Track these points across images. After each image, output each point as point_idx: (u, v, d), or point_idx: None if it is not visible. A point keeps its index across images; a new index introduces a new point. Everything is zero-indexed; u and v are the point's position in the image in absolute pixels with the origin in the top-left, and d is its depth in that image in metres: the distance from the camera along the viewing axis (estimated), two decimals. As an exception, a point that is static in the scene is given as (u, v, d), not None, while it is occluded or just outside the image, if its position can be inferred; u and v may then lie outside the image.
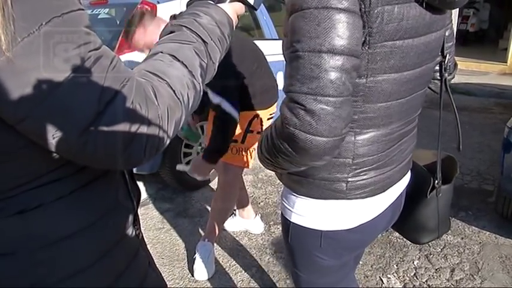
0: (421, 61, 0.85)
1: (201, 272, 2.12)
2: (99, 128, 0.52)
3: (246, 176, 3.08)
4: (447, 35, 0.95)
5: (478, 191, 3.08)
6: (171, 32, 0.69)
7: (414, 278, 2.14)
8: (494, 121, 4.79)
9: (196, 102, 0.66)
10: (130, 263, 0.72)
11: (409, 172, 1.07)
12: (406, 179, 1.07)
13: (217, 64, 0.72)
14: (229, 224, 2.55)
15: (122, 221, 0.71)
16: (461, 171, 3.29)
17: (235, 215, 2.56)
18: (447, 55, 0.99)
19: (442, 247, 2.39)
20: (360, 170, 0.89)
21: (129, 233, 0.72)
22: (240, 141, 2.06)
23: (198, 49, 0.67)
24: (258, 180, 3.28)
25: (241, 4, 0.80)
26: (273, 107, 2.19)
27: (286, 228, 1.01)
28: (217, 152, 1.90)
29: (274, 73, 3.46)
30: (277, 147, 0.80)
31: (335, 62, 0.70)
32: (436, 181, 1.07)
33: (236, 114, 1.88)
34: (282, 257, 2.29)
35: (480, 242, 2.44)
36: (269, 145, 0.84)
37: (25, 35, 0.47)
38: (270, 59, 2.21)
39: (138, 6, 2.72)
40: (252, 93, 2.01)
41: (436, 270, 2.20)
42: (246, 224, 2.54)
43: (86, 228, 0.63)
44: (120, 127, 0.53)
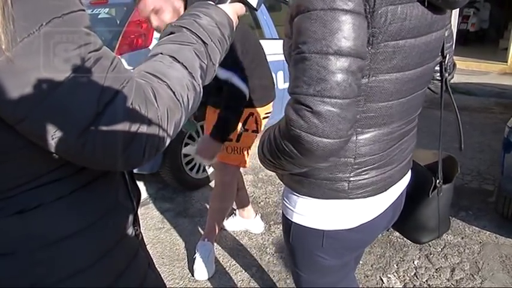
0: (422, 61, 0.85)
1: (201, 272, 2.12)
2: (98, 129, 0.51)
3: (246, 176, 3.08)
4: (446, 35, 0.95)
5: (479, 190, 3.08)
6: (171, 33, 0.69)
7: (414, 277, 2.14)
8: (495, 121, 4.79)
9: (196, 103, 0.66)
10: (130, 263, 0.72)
11: (409, 172, 1.07)
12: (407, 179, 1.07)
13: (217, 65, 0.72)
14: (229, 224, 2.54)
15: (121, 221, 0.71)
16: (461, 171, 3.26)
17: (235, 214, 2.56)
18: (447, 55, 0.99)
19: (442, 247, 2.38)
20: (362, 169, 0.89)
21: (129, 233, 0.72)
22: (235, 140, 2.01)
23: (198, 50, 0.67)
24: (258, 180, 3.28)
25: (241, 5, 0.80)
26: (269, 106, 2.14)
27: (288, 228, 1.01)
28: (225, 129, 1.80)
29: (274, 73, 3.46)
30: (281, 149, 0.79)
31: (342, 64, 0.69)
32: (437, 181, 1.08)
33: (246, 90, 1.79)
34: (282, 256, 2.29)
35: (480, 242, 2.43)
36: (272, 146, 0.84)
37: (25, 35, 0.47)
38: (270, 59, 2.20)
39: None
40: (250, 88, 1.93)
41: (436, 270, 2.20)
42: (246, 224, 2.53)
43: (86, 228, 0.63)
44: (119, 128, 0.53)
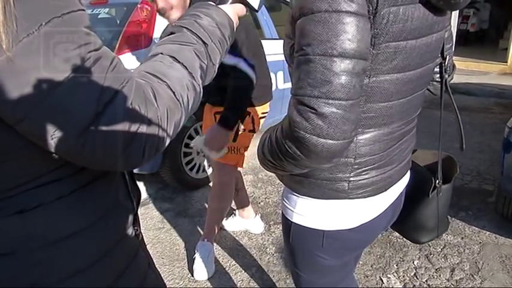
0: (423, 61, 0.86)
1: (200, 272, 2.12)
2: (98, 129, 0.51)
3: (246, 176, 3.08)
4: (446, 36, 0.95)
5: (478, 191, 3.08)
6: (172, 33, 0.69)
7: (414, 277, 2.14)
8: (495, 121, 4.80)
9: (196, 103, 0.66)
10: (130, 263, 0.72)
11: (408, 172, 1.08)
12: (406, 179, 1.07)
13: (217, 66, 0.72)
14: (229, 224, 2.54)
15: (121, 221, 0.71)
16: (461, 171, 3.29)
17: (235, 215, 2.55)
18: (447, 56, 0.99)
19: (442, 247, 2.39)
20: (362, 169, 0.89)
21: (129, 233, 0.72)
22: (231, 140, 1.97)
23: (198, 51, 0.67)
24: (258, 180, 3.28)
25: (242, 5, 0.80)
26: (266, 106, 2.13)
27: (288, 228, 1.01)
28: (234, 116, 1.76)
29: (274, 73, 3.46)
30: (284, 151, 0.79)
31: (346, 66, 0.69)
32: (437, 181, 1.08)
33: (254, 76, 1.77)
34: (282, 256, 2.29)
35: (480, 242, 2.44)
36: (273, 147, 0.83)
37: (24, 35, 0.47)
38: (270, 59, 2.20)
39: (138, 6, 2.72)
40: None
41: (436, 270, 2.20)
42: (246, 224, 2.53)
43: (86, 228, 0.63)
44: (119, 128, 0.53)
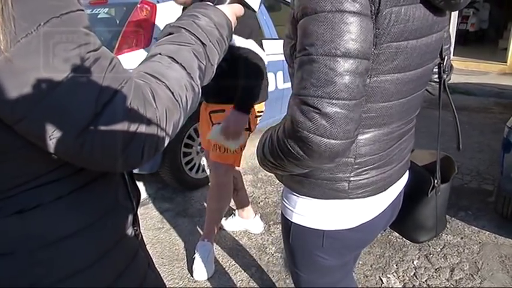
0: (423, 62, 0.86)
1: (200, 272, 2.12)
2: (97, 129, 0.51)
3: (245, 176, 3.08)
4: (445, 37, 0.95)
5: (478, 190, 3.08)
6: (170, 34, 0.69)
7: (414, 277, 2.14)
8: (494, 121, 4.80)
9: (194, 104, 0.66)
10: (130, 263, 0.72)
11: (407, 171, 1.08)
12: (405, 178, 1.08)
13: (216, 66, 0.72)
14: (228, 224, 2.54)
15: (121, 221, 0.71)
16: (461, 171, 3.29)
17: (234, 215, 2.56)
18: (445, 57, 0.99)
19: (441, 247, 2.39)
20: (362, 169, 0.90)
21: (129, 233, 0.72)
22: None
23: (196, 51, 0.67)
24: (258, 180, 3.28)
25: (240, 6, 0.80)
26: (261, 105, 2.13)
27: (287, 228, 1.01)
28: (250, 98, 1.77)
29: (273, 73, 3.46)
30: (286, 151, 0.79)
31: (350, 66, 0.70)
32: (435, 180, 1.08)
33: (265, 55, 1.77)
34: (281, 256, 2.29)
35: (480, 242, 2.44)
36: (274, 148, 0.83)
37: (23, 35, 0.47)
38: (270, 59, 2.20)
39: (138, 6, 2.72)
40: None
41: (435, 270, 2.20)
42: (245, 224, 2.53)
43: (85, 228, 0.63)
44: (117, 129, 0.53)
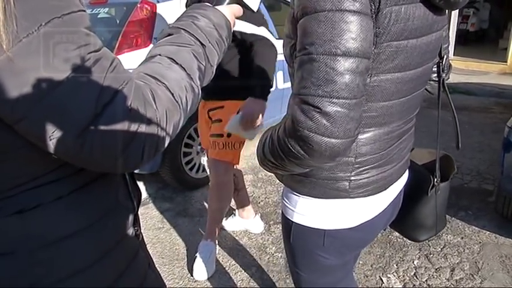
0: (423, 61, 0.86)
1: (200, 272, 2.12)
2: (97, 130, 0.51)
3: (245, 176, 3.08)
4: (444, 36, 0.95)
5: (478, 190, 3.08)
6: (169, 35, 0.69)
7: (414, 277, 2.14)
8: (495, 121, 4.79)
9: (194, 105, 0.67)
10: (130, 263, 0.72)
11: (407, 170, 1.08)
12: (405, 177, 1.08)
13: (215, 67, 0.72)
14: (229, 224, 2.54)
15: (121, 221, 0.71)
16: (461, 171, 3.29)
17: (235, 214, 2.56)
18: (444, 56, 0.99)
19: (442, 247, 2.39)
20: (362, 168, 0.90)
21: (129, 233, 0.72)
22: (225, 135, 1.97)
23: (196, 52, 0.67)
24: (258, 179, 3.28)
25: (239, 6, 0.80)
26: None
27: (288, 228, 1.01)
28: (266, 84, 1.81)
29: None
30: (287, 150, 0.79)
31: (350, 65, 0.70)
32: (435, 179, 1.08)
33: (276, 41, 1.82)
34: (281, 256, 2.29)
35: (480, 242, 2.44)
36: (275, 147, 0.83)
37: (24, 35, 0.47)
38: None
39: (138, 6, 2.72)
40: (246, 79, 1.93)
41: (436, 269, 2.20)
42: (245, 224, 2.53)
43: (85, 228, 0.63)
44: (118, 129, 0.53)
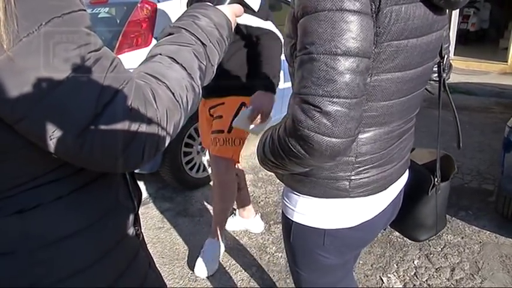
0: (423, 60, 0.86)
1: (200, 269, 2.11)
2: (97, 129, 0.51)
3: (245, 175, 3.08)
4: (444, 35, 0.95)
5: (478, 190, 3.08)
6: (170, 34, 0.69)
7: (414, 277, 2.14)
8: (495, 120, 4.79)
9: (195, 104, 0.66)
10: (131, 263, 0.72)
11: (407, 170, 1.08)
12: (405, 177, 1.08)
13: (216, 67, 0.72)
14: (229, 224, 2.54)
15: (122, 221, 0.71)
16: (461, 171, 3.28)
17: (235, 214, 2.56)
18: (445, 56, 0.99)
19: (442, 246, 2.39)
20: (363, 168, 0.90)
21: (130, 233, 0.72)
22: (226, 131, 1.96)
23: (197, 51, 0.67)
24: (258, 179, 3.28)
25: (239, 6, 0.80)
26: None
27: (288, 227, 1.01)
28: (274, 77, 1.84)
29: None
30: (287, 150, 0.79)
31: (350, 64, 0.70)
32: (436, 179, 1.08)
33: (281, 34, 1.85)
34: (282, 256, 2.29)
35: (480, 242, 2.44)
36: (275, 147, 0.83)
37: (25, 35, 0.47)
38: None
39: (138, 5, 2.72)
40: (247, 74, 1.94)
41: (436, 269, 2.20)
42: (246, 224, 2.53)
43: (86, 228, 0.63)
44: (118, 129, 0.53)
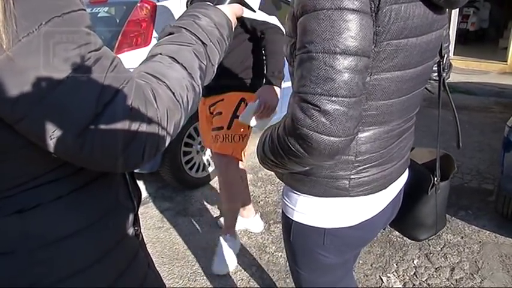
0: (423, 59, 0.86)
1: (220, 267, 2.10)
2: (97, 129, 0.51)
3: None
4: (444, 35, 0.95)
5: (478, 190, 3.08)
6: (170, 34, 0.69)
7: (414, 277, 2.14)
8: (494, 120, 4.79)
9: (195, 104, 0.66)
10: (130, 263, 0.71)
11: (407, 169, 1.08)
12: (405, 176, 1.08)
13: (216, 66, 0.72)
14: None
15: (121, 221, 0.70)
16: (461, 171, 3.28)
17: (234, 214, 2.56)
18: (445, 55, 0.99)
19: (442, 246, 2.39)
20: (362, 167, 0.90)
21: (129, 233, 0.72)
22: (226, 127, 1.96)
23: (197, 51, 0.67)
24: (258, 179, 3.28)
25: (240, 6, 0.80)
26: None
27: (288, 226, 1.01)
28: (279, 70, 1.84)
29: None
30: (286, 148, 0.79)
31: (349, 63, 0.70)
32: (435, 178, 1.08)
33: (283, 28, 1.86)
34: (281, 256, 2.29)
35: (480, 241, 2.44)
36: (275, 146, 0.83)
37: (24, 34, 0.47)
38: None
39: (138, 5, 2.72)
40: (246, 70, 1.93)
41: (436, 269, 2.20)
42: (245, 223, 2.53)
43: (85, 228, 0.63)
44: (118, 129, 0.53)
